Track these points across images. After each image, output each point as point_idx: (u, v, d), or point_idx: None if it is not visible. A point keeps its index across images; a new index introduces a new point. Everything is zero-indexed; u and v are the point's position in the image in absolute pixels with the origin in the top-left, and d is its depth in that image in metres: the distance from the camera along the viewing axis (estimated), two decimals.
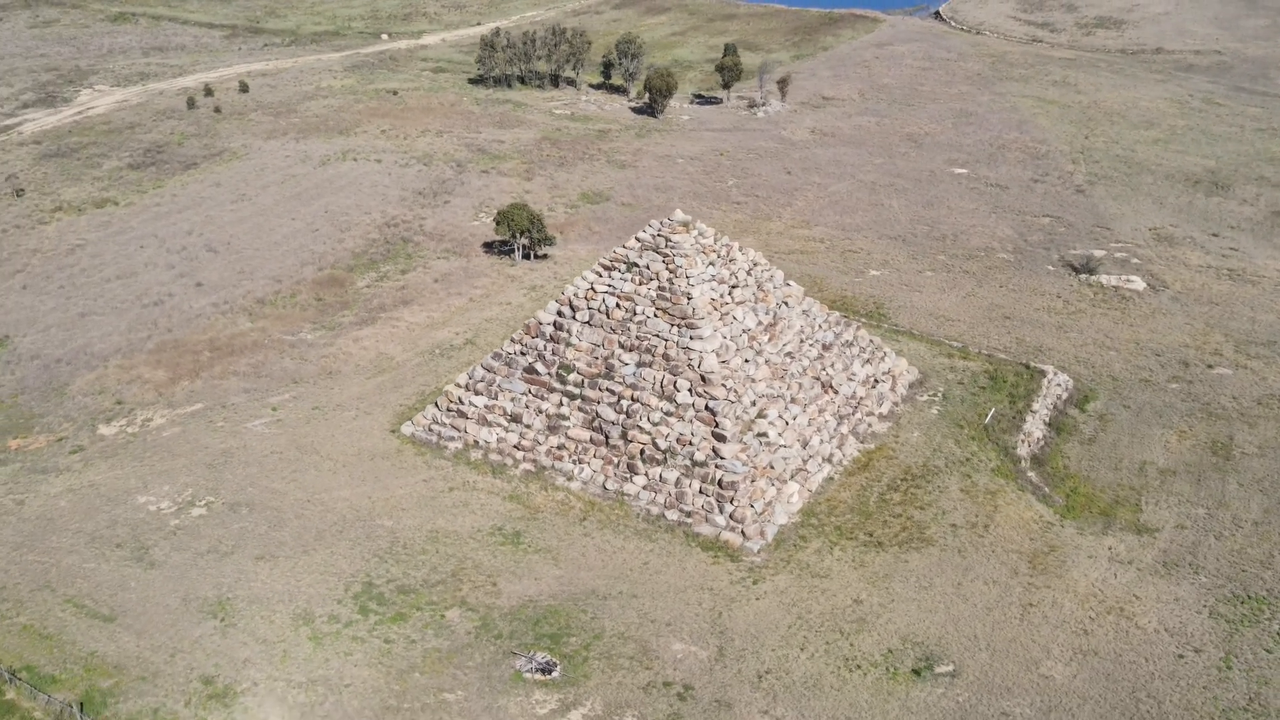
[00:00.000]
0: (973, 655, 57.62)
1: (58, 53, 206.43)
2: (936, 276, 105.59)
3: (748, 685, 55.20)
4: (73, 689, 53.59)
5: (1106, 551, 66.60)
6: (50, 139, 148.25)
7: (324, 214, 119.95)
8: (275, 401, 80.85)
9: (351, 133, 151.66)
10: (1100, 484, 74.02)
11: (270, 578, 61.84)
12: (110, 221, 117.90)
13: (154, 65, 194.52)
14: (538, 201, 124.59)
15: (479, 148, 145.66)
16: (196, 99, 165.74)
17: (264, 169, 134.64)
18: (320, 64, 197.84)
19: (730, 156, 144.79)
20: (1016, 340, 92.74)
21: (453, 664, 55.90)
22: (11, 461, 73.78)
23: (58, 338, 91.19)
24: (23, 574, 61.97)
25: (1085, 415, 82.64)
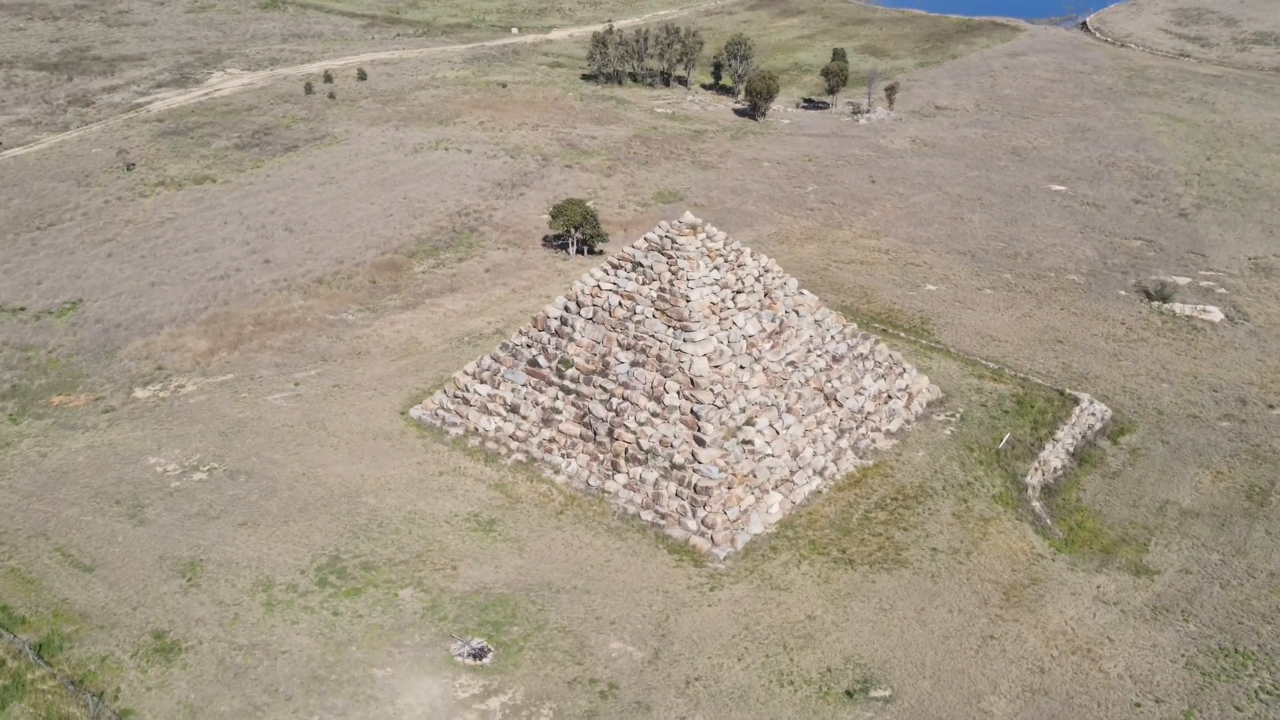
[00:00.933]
0: (914, 683, 56.07)
1: (205, 36, 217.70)
2: (996, 295, 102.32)
3: (673, 690, 55.01)
4: (37, 631, 57.07)
5: (1094, 590, 63.78)
6: (172, 118, 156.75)
7: (402, 200, 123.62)
8: (300, 377, 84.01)
9: (451, 123, 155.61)
10: (1111, 520, 70.86)
11: (246, 544, 64.48)
12: (203, 198, 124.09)
13: (288, 51, 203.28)
14: (611, 198, 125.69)
15: (570, 143, 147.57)
16: (315, 85, 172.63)
17: (358, 154, 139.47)
18: (442, 55, 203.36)
19: (818, 162, 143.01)
20: (1062, 365, 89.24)
21: (391, 641, 57.33)
22: (49, 417, 78.73)
23: (124, 304, 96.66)
24: (25, 521, 66.19)
25: (1116, 448, 79.11)
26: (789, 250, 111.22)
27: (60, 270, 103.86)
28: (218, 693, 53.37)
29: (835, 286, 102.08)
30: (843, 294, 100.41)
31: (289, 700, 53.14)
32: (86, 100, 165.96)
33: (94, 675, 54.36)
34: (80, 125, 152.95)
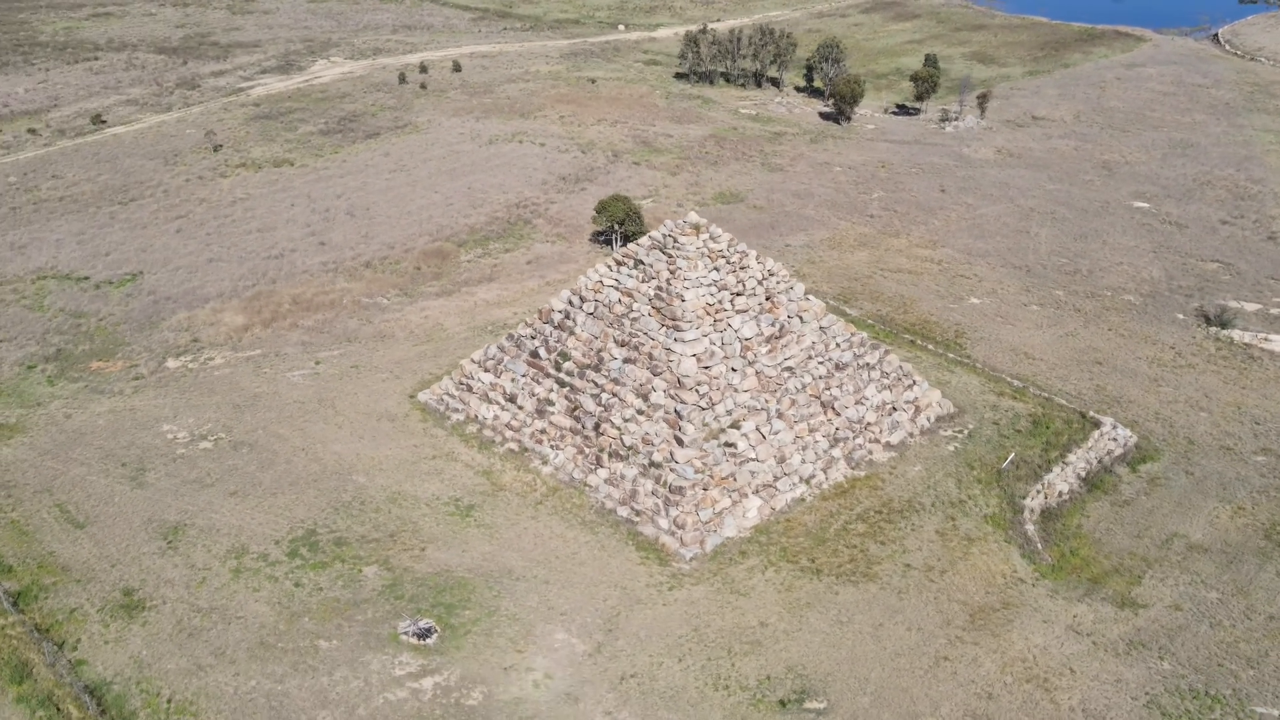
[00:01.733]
0: (853, 698, 55.20)
1: (320, 26, 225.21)
2: (1042, 311, 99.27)
3: (606, 684, 55.29)
4: (19, 580, 60.44)
5: (1069, 619, 61.71)
6: (268, 103, 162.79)
7: (465, 190, 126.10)
8: (323, 356, 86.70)
9: (532, 116, 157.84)
10: (1109, 549, 68.40)
11: (231, 512, 67.03)
12: (278, 180, 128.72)
13: (394, 42, 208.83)
14: (670, 197, 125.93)
15: (644, 140, 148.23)
16: (409, 75, 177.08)
17: (433, 144, 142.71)
18: (542, 50, 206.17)
19: (891, 169, 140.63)
20: (1095, 387, 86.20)
21: (343, 615, 58.97)
22: (83, 381, 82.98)
23: (179, 278, 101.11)
24: (35, 476, 70.05)
25: (1135, 476, 76.20)
26: (838, 256, 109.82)
27: (129, 243, 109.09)
28: (168, 651, 55.71)
29: (875, 295, 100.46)
30: (880, 303, 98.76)
31: (232, 664, 55.14)
32: (193, 84, 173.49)
33: (60, 625, 57.27)
34: (182, 107, 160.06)
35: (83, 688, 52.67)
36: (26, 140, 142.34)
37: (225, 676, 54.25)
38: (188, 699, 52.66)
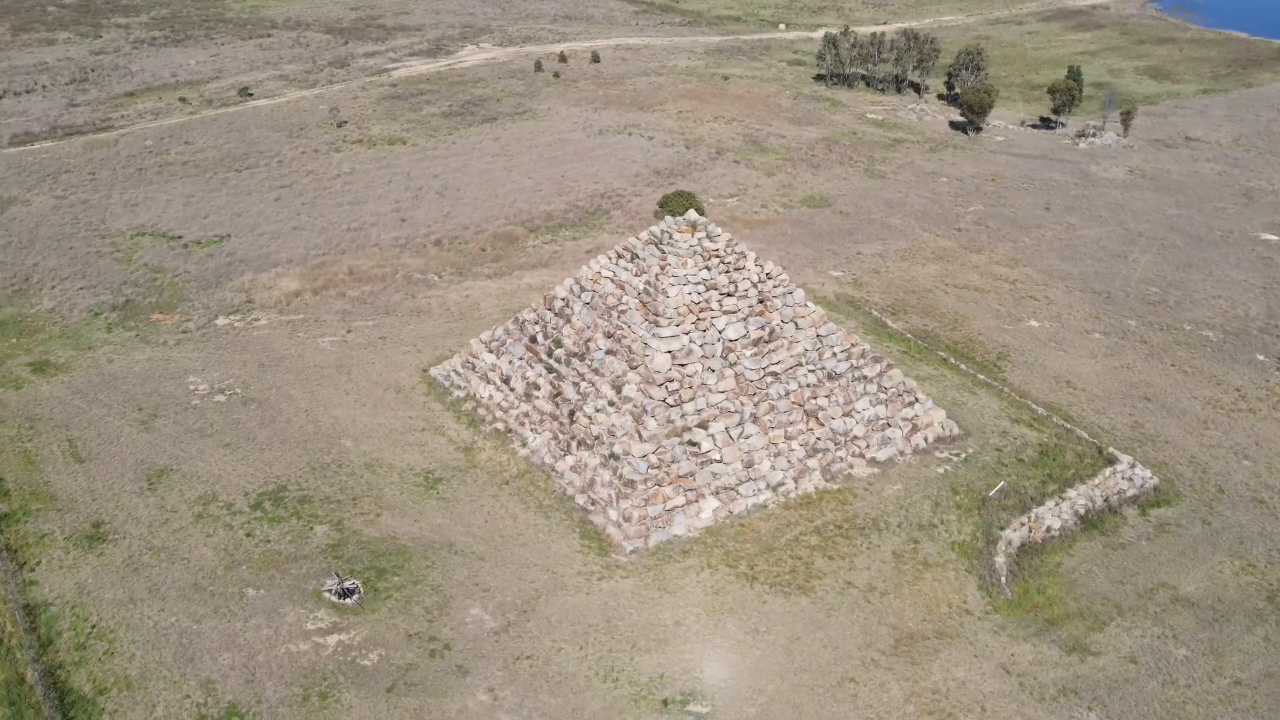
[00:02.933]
0: (740, 707, 54.66)
1: (484, 13, 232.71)
2: (1103, 340, 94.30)
3: (499, 662, 56.44)
4: (9, 504, 66.15)
5: (1005, 657, 59.17)
6: (405, 84, 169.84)
7: (558, 178, 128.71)
8: (356, 326, 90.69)
9: (651, 109, 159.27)
10: (1082, 591, 65.07)
11: (216, 462, 71.32)
12: (386, 157, 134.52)
13: (547, 30, 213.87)
14: (757, 197, 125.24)
15: (754, 139, 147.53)
16: (546, 64, 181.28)
17: (544, 132, 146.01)
18: (690, 45, 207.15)
19: (1002, 183, 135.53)
20: (1133, 424, 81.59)
21: (277, 568, 62.11)
22: (137, 330, 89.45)
23: (260, 243, 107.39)
24: (59, 412, 76.26)
25: (1143, 519, 72.08)
26: (906, 268, 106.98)
27: (229, 208, 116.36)
28: (110, 582, 60.00)
29: (928, 309, 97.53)
30: (930, 318, 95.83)
31: (161, 600, 58.94)
32: (344, 63, 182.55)
33: (27, 548, 62.44)
34: (326, 84, 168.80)
35: (21, 606, 57.24)
36: (175, 108, 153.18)
37: (150, 611, 57.99)
38: (109, 628, 56.61)
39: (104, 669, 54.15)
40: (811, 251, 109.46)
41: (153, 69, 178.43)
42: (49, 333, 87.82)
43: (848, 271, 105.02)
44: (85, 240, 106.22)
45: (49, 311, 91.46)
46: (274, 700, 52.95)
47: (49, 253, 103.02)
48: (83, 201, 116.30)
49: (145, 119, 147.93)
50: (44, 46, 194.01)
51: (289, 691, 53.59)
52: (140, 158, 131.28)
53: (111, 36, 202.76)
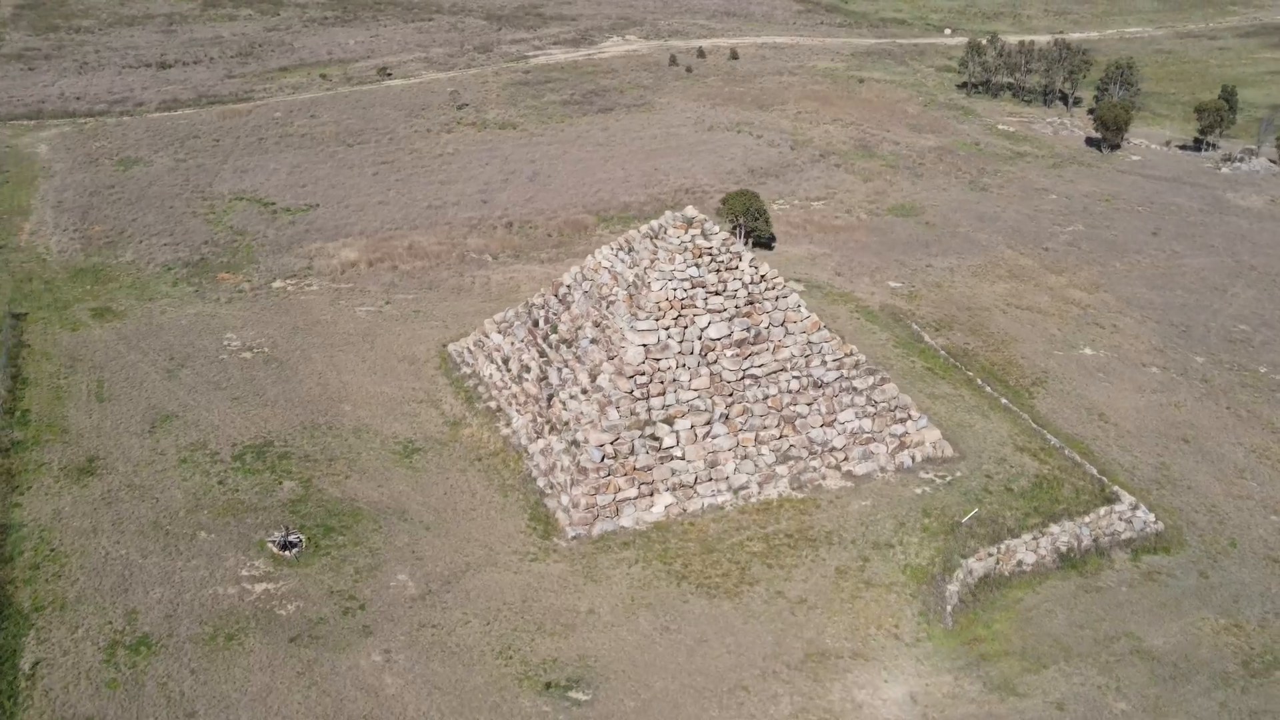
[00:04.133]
0: (620, 699, 55.08)
1: (642, 5, 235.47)
2: (1160, 375, 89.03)
3: (405, 627, 58.42)
4: (27, 432, 72.26)
5: (918, 687, 57.49)
6: (537, 71, 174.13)
7: (650, 170, 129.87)
8: (396, 298, 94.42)
9: (769, 109, 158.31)
10: (1035, 631, 62.38)
11: (220, 413, 75.93)
12: (492, 140, 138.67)
13: (698, 25, 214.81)
14: (843, 203, 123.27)
15: (865, 144, 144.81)
16: (680, 58, 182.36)
17: (653, 125, 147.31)
18: (838, 46, 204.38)
19: (1115, 204, 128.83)
20: (1158, 464, 77.14)
21: (235, 516, 65.84)
22: (199, 286, 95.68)
23: (341, 214, 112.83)
24: (102, 356, 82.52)
25: (1132, 565, 68.45)
26: (971, 285, 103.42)
27: (328, 179, 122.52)
28: (82, 513, 64.99)
29: (975, 328, 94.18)
30: (974, 337, 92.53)
31: (119, 534, 63.46)
32: (488, 48, 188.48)
33: (25, 473, 68.21)
34: (464, 68, 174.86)
35: None
36: (315, 84, 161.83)
37: (107, 542, 62.56)
38: (65, 553, 61.43)
39: (47, 589, 58.74)
40: (878, 260, 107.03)
41: (312, 46, 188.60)
42: (120, 282, 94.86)
43: (908, 283, 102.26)
44: (186, 201, 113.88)
45: (128, 263, 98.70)
46: (184, 636, 56.35)
47: (149, 209, 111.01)
48: (198, 166, 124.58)
49: (285, 93, 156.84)
50: (225, 22, 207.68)
51: (200, 630, 56.90)
52: (265, 128, 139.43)
53: (287, 15, 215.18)
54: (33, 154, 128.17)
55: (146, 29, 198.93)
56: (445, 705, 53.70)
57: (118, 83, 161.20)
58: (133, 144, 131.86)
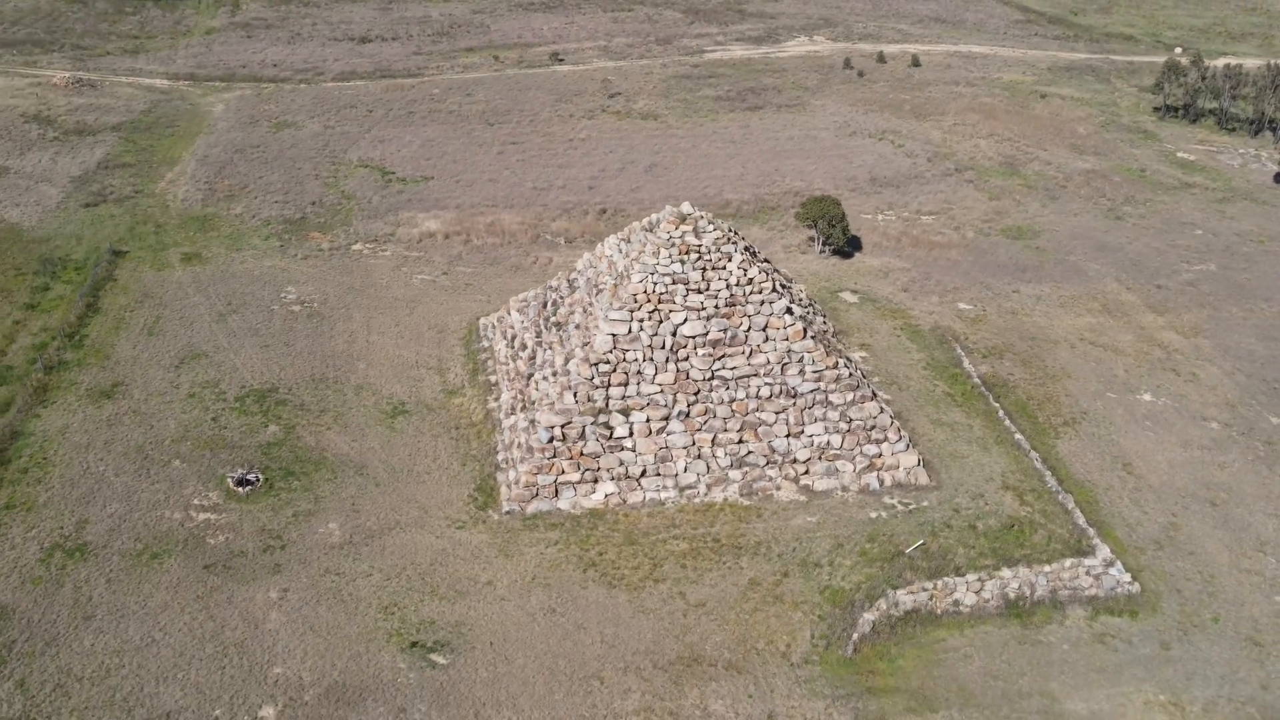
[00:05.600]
0: (475, 669, 56.80)
1: (849, 7, 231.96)
2: (1217, 431, 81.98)
3: (311, 571, 62.09)
4: (78, 355, 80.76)
5: (781, 707, 56.64)
6: (705, 67, 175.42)
7: (769, 171, 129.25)
8: (456, 270, 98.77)
9: (927, 118, 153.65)
10: (940, 674, 59.94)
11: (243, 357, 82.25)
12: (627, 130, 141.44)
13: (897, 30, 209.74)
14: (957, 219, 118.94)
15: (1012, 162, 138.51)
16: (858, 62, 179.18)
17: (795, 126, 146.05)
18: (1040, 59, 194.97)
19: (1268, 246, 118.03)
20: (1168, 524, 71.65)
21: (212, 450, 71.54)
22: (285, 241, 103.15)
23: (448, 188, 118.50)
24: (171, 297, 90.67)
25: (1087, 623, 64.33)
26: (1052, 316, 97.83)
27: (454, 154, 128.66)
28: (84, 430, 72.28)
29: (1029, 359, 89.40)
30: (1025, 368, 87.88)
31: (106, 453, 70.27)
32: (668, 41, 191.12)
33: (56, 390, 76.53)
34: (636, 58, 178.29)
35: (11, 431, 70.78)
36: (485, 65, 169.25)
37: (92, 458, 69.48)
38: (54, 463, 68.69)
39: (23, 492, 65.98)
40: (959, 281, 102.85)
41: (506, 29, 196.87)
42: (220, 232, 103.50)
43: (980, 307, 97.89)
44: (314, 164, 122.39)
45: (235, 215, 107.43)
46: (116, 549, 62.12)
47: (277, 169, 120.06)
48: (342, 133, 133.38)
49: (454, 71, 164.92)
50: (440, 2, 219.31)
51: (133, 546, 62.52)
52: (418, 103, 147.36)
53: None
54: (208, 113, 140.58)
55: (366, 6, 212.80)
56: (310, 646, 56.81)
57: (315, 54, 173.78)
58: (295, 109, 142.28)
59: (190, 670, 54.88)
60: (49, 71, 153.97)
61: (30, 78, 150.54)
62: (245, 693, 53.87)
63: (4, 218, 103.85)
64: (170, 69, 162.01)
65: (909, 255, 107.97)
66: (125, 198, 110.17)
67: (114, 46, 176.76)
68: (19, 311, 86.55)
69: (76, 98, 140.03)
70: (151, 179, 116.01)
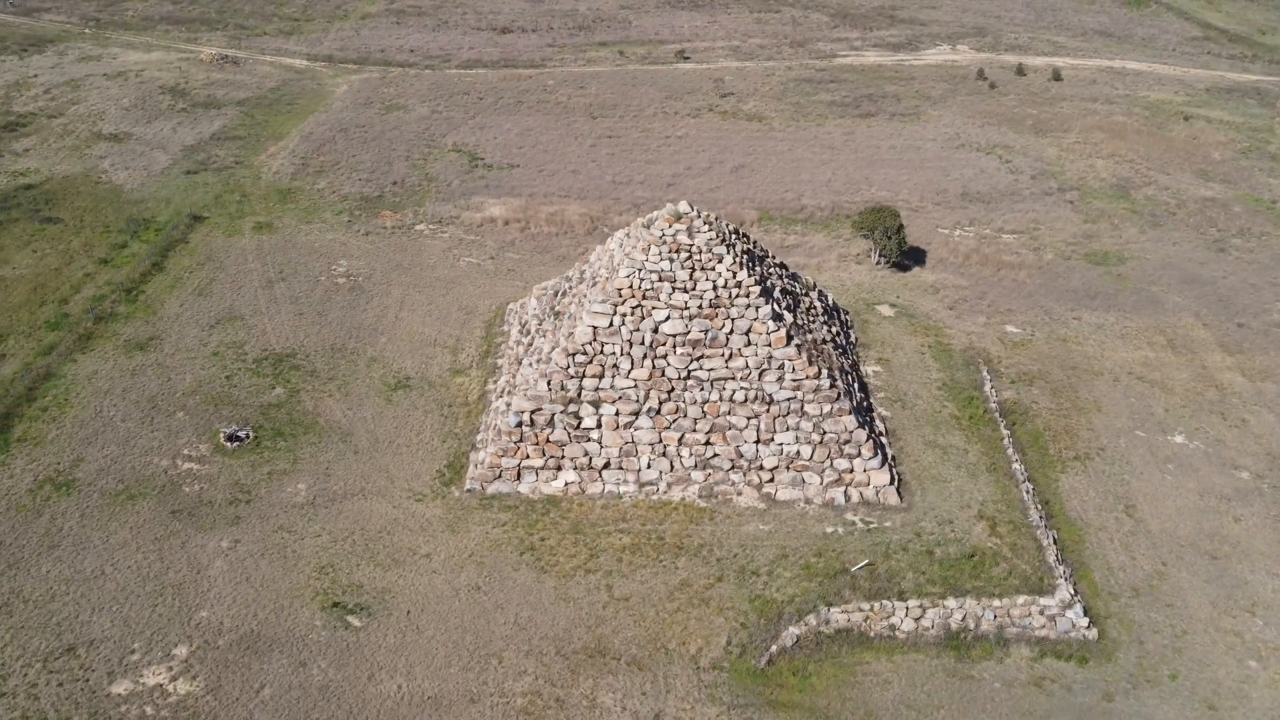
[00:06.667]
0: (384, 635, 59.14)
1: (1010, 16, 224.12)
2: (1248, 482, 76.87)
3: (266, 525, 65.58)
4: (127, 309, 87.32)
5: (674, 708, 57.13)
6: (831, 71, 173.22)
7: (858, 179, 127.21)
8: (504, 256, 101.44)
9: (1046, 134, 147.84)
10: (851, 695, 59.12)
11: (274, 322, 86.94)
12: (728, 130, 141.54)
13: (1054, 42, 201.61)
14: (1040, 240, 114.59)
15: (1124, 186, 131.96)
16: (993, 73, 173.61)
17: (900, 136, 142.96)
18: (1203, 79, 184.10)
19: None
20: (1151, 573, 68.08)
21: (215, 407, 76.29)
22: (356, 218, 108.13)
23: (528, 177, 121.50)
24: (231, 262, 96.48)
25: (1029, 663, 62.22)
26: (1105, 347, 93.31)
27: (547, 144, 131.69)
28: (109, 377, 78.18)
29: (1061, 389, 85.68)
30: (1053, 398, 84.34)
31: (121, 400, 75.81)
32: (802, 44, 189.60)
33: (99, 339, 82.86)
34: (764, 59, 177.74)
35: (46, 373, 77.28)
36: (609, 60, 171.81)
37: (107, 403, 75.17)
38: (72, 404, 74.71)
39: (36, 428, 72.10)
40: (1016, 303, 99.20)
41: (646, 25, 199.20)
42: (297, 205, 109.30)
43: (1029, 331, 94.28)
44: (409, 145, 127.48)
45: (317, 190, 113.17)
46: (99, 487, 67.24)
47: (372, 148, 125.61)
48: (446, 118, 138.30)
49: (577, 64, 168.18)
50: None
51: (114, 486, 67.54)
52: (529, 93, 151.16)
53: None
54: (330, 93, 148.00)
55: None
56: (240, 596, 60.27)
57: (452, 41, 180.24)
58: (410, 93, 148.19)
59: (126, 605, 58.88)
60: (202, 48, 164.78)
61: (185, 53, 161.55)
62: (167, 631, 57.51)
63: (112, 179, 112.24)
64: (314, 50, 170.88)
65: (972, 273, 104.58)
66: (224, 168, 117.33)
67: (273, 28, 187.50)
68: (93, 265, 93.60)
69: (216, 73, 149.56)
70: (255, 151, 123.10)
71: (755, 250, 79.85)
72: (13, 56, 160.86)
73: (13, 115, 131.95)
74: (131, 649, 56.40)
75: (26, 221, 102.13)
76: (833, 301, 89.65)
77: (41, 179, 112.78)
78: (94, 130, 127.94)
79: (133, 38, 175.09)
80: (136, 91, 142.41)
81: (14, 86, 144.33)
